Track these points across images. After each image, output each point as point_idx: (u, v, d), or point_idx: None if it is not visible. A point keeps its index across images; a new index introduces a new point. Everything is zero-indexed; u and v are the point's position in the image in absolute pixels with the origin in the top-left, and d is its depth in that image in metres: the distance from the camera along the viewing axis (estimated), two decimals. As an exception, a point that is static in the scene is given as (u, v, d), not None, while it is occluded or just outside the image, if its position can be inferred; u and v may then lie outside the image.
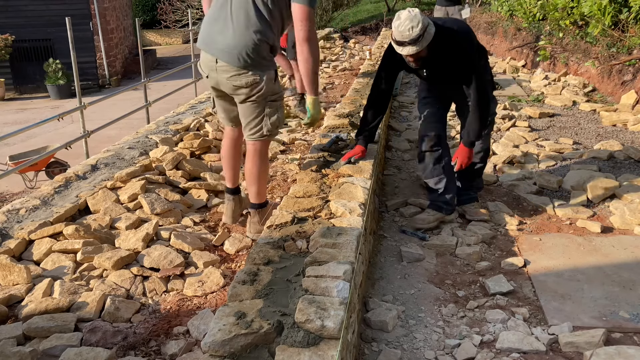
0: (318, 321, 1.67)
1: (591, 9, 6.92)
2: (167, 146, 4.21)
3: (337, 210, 2.55)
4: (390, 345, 2.30)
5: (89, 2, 14.84)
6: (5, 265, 2.65)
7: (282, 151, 4.70)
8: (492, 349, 2.27)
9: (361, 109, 4.46)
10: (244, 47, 2.68)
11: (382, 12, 15.52)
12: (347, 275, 1.94)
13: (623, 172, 4.14)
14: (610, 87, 6.61)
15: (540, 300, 2.60)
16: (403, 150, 4.96)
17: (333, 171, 3.07)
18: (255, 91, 2.76)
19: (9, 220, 3.16)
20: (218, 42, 2.74)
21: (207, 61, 2.82)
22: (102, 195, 3.45)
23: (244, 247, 2.99)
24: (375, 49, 8.77)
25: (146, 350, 2.18)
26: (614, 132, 5.25)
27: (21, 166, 5.60)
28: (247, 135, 2.91)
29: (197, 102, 6.32)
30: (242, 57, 2.69)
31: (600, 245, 3.12)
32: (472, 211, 3.55)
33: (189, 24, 9.45)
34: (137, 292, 2.59)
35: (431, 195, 3.50)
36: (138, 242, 2.91)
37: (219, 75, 2.78)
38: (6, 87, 14.45)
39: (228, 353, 1.64)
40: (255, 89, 2.75)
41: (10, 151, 7.67)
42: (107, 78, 15.43)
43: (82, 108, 5.32)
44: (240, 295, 1.90)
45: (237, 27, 2.68)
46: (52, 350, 2.12)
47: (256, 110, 2.82)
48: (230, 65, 2.71)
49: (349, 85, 6.35)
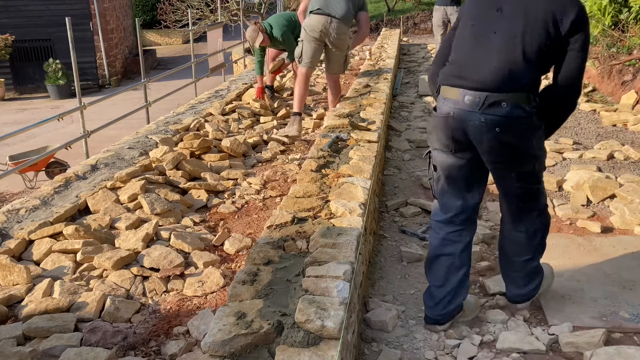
0: (318, 321, 1.67)
1: (591, 9, 6.92)
2: (167, 146, 4.21)
3: (337, 211, 2.55)
4: (390, 345, 2.30)
5: (89, 2, 14.85)
6: (5, 265, 2.65)
7: (282, 151, 4.70)
8: (492, 349, 2.27)
9: (361, 109, 4.48)
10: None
11: (382, 12, 15.51)
12: (347, 275, 1.94)
13: (623, 172, 4.14)
14: (611, 87, 6.61)
15: (540, 300, 2.60)
16: (403, 150, 4.96)
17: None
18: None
19: (9, 220, 3.16)
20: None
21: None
22: (102, 195, 3.45)
23: (244, 247, 2.99)
24: (375, 49, 8.77)
25: (146, 350, 2.18)
26: (614, 132, 5.25)
27: (21, 166, 5.60)
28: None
29: (197, 102, 6.32)
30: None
31: (600, 245, 3.12)
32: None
33: (189, 24, 9.44)
34: (137, 292, 2.59)
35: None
36: (138, 242, 2.91)
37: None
38: (6, 87, 14.46)
39: (228, 353, 1.64)
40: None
41: (10, 151, 7.67)
42: (107, 78, 15.43)
43: (82, 108, 5.32)
44: (240, 295, 1.90)
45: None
46: (52, 350, 2.12)
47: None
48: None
49: (349, 85, 6.35)
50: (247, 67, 10.19)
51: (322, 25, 4.78)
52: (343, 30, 4.85)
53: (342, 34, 4.85)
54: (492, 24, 2.15)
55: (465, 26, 2.25)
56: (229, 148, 4.41)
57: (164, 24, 15.35)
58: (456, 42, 2.27)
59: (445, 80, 2.21)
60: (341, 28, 4.83)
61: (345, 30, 4.89)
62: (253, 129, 5.30)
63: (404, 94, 7.41)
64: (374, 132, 3.78)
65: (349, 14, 4.89)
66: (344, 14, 4.83)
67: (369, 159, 3.24)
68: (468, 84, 2.12)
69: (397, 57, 8.69)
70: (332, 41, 4.84)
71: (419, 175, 4.31)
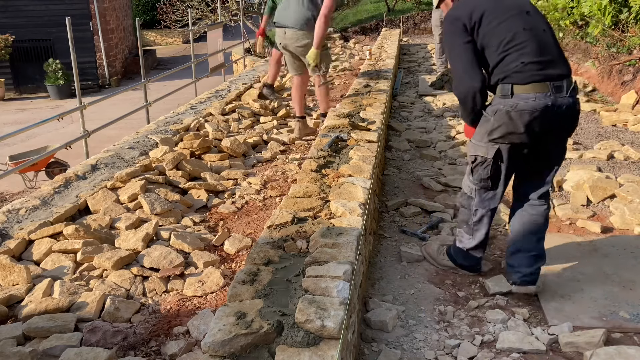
0: (318, 321, 1.67)
1: (591, 9, 6.92)
2: (167, 146, 4.21)
3: (337, 210, 2.55)
4: (390, 345, 2.30)
5: (89, 2, 14.87)
6: (5, 265, 2.65)
7: (282, 151, 4.70)
8: (492, 349, 2.27)
9: (361, 109, 4.48)
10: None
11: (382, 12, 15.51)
12: (347, 275, 1.94)
13: (623, 172, 4.14)
14: (610, 87, 6.61)
15: (540, 300, 2.60)
16: (403, 150, 4.96)
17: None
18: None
19: (9, 220, 3.17)
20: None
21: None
22: (102, 195, 3.45)
23: (244, 247, 2.99)
24: (376, 49, 8.77)
25: (146, 350, 2.18)
26: (614, 132, 5.24)
27: (21, 166, 5.60)
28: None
29: (197, 102, 6.32)
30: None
31: (600, 245, 3.12)
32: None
33: (189, 24, 9.44)
34: (137, 292, 2.59)
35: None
36: (138, 242, 2.91)
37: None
38: (6, 87, 14.47)
39: (228, 353, 1.64)
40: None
41: (10, 151, 7.68)
42: (107, 78, 15.44)
43: (82, 108, 5.32)
44: (240, 295, 1.90)
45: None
46: (52, 350, 2.12)
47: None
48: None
49: (349, 85, 6.35)
50: (247, 67, 10.19)
51: (280, 38, 4.79)
52: (299, 37, 4.67)
53: (299, 42, 4.68)
54: (529, 22, 2.51)
55: (503, 32, 2.47)
56: (229, 148, 4.41)
57: (164, 24, 15.36)
58: (508, 48, 2.45)
59: (526, 79, 2.43)
60: (296, 36, 4.67)
61: (302, 36, 4.66)
62: (253, 129, 5.30)
63: (404, 94, 7.41)
64: (374, 132, 3.78)
65: (303, 17, 4.65)
66: (297, 20, 4.64)
67: (369, 159, 3.24)
68: (555, 74, 2.43)
69: (397, 57, 8.69)
70: (292, 51, 4.78)
71: (419, 175, 4.31)
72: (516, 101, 2.42)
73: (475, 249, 2.80)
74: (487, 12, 2.49)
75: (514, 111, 2.43)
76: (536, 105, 2.40)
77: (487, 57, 2.51)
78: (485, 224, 2.73)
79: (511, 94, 2.44)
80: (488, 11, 2.49)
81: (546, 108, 2.40)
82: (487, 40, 2.48)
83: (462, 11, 2.54)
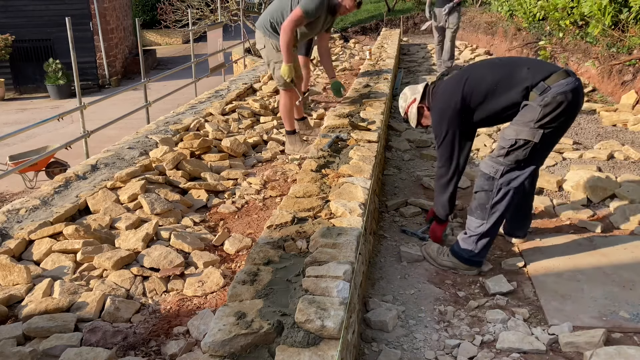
0: (318, 321, 1.67)
1: (591, 9, 6.92)
2: (167, 146, 4.21)
3: (337, 210, 2.55)
4: (390, 345, 2.30)
5: (89, 2, 14.87)
6: (5, 265, 2.65)
7: (282, 151, 4.70)
8: (492, 349, 2.27)
9: (361, 109, 4.48)
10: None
11: (382, 12, 15.52)
12: (347, 275, 1.94)
13: (623, 172, 4.14)
14: (611, 87, 6.61)
15: (540, 300, 2.60)
16: (403, 150, 4.96)
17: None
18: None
19: (9, 220, 3.17)
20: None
21: None
22: (102, 195, 3.45)
23: (244, 247, 2.99)
24: (375, 49, 8.77)
25: (146, 350, 2.18)
26: (614, 132, 5.24)
27: (21, 166, 5.60)
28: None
29: (197, 102, 6.32)
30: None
31: (600, 245, 3.12)
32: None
33: (189, 24, 9.44)
34: (137, 292, 2.59)
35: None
36: (138, 242, 2.91)
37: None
38: (6, 87, 14.47)
39: (228, 353, 1.64)
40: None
41: (10, 151, 7.68)
42: (107, 78, 15.45)
43: (82, 108, 5.32)
44: (240, 295, 1.90)
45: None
46: (52, 350, 2.12)
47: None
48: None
49: (349, 85, 6.35)
50: (247, 67, 10.19)
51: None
52: (258, 38, 4.46)
53: (258, 44, 4.49)
54: (502, 60, 3.09)
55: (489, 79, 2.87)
56: (229, 148, 4.41)
57: (164, 24, 15.34)
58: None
59: (546, 73, 2.71)
60: (257, 37, 4.48)
61: (259, 38, 4.44)
62: (253, 129, 5.30)
63: (404, 94, 7.40)
64: (374, 132, 3.78)
65: (263, 19, 4.42)
66: (260, 21, 4.47)
67: (369, 159, 3.24)
68: (555, 68, 2.76)
69: (397, 57, 8.69)
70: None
71: (419, 175, 4.32)
72: (557, 89, 2.63)
73: (484, 237, 2.83)
74: (474, 91, 2.91)
75: (559, 94, 2.61)
76: (572, 85, 2.64)
77: (494, 102, 2.80)
78: (504, 204, 2.79)
79: (548, 87, 2.65)
80: (475, 90, 2.91)
81: (576, 87, 2.66)
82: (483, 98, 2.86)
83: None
